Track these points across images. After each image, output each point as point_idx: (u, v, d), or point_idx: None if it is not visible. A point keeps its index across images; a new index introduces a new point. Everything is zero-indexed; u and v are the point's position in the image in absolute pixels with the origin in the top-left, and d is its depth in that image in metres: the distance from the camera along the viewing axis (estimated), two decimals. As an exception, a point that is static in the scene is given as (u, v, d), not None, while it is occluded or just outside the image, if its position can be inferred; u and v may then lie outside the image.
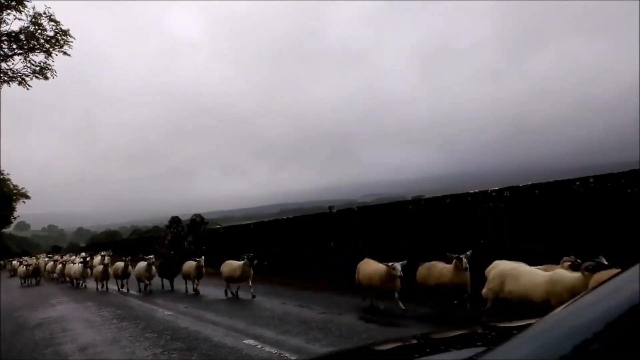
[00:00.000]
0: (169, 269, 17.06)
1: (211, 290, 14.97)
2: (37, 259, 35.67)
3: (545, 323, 1.10)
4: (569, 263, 7.23)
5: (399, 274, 9.30)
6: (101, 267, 18.97)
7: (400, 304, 9.52)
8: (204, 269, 14.97)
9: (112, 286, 18.86)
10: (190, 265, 15.48)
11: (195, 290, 15.09)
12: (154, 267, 16.46)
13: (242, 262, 13.25)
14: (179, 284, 16.54)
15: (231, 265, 13.76)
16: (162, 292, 16.34)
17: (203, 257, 15.10)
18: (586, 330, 0.95)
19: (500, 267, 7.76)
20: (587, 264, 6.41)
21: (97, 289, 18.91)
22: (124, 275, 17.78)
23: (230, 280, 13.65)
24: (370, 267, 10.40)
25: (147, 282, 16.48)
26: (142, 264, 16.69)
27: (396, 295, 9.65)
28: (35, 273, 25.91)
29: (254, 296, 12.83)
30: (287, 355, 7.00)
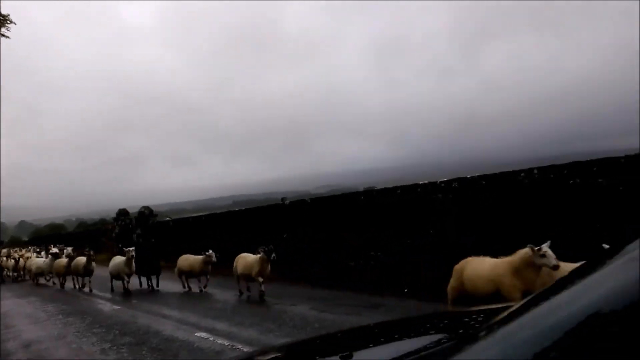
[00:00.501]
0: (150, 264, 14.42)
1: (167, 285, 14.38)
2: None
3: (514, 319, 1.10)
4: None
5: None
6: (65, 260, 16.85)
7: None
8: (210, 266, 12.85)
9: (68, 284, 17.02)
10: (194, 260, 13.12)
11: (202, 289, 12.85)
12: (134, 262, 13.85)
13: (258, 255, 11.18)
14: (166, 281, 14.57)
15: (245, 260, 11.63)
16: (147, 292, 14.03)
17: (212, 252, 12.74)
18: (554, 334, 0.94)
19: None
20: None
21: (61, 287, 17.15)
22: (86, 272, 15.54)
23: (245, 277, 11.62)
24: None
25: (127, 280, 13.89)
26: (119, 259, 14.35)
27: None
28: None
29: (262, 293, 10.95)
30: (239, 346, 6.98)
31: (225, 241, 17.74)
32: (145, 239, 25.01)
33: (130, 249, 13.94)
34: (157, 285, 14.35)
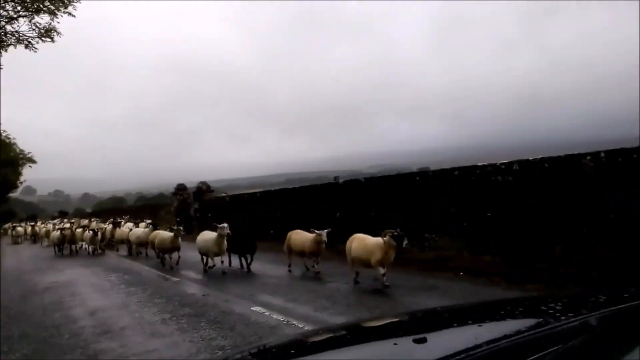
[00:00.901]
0: (244, 243, 12.82)
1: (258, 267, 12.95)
2: (61, 223, 32.31)
3: None
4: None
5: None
6: (167, 233, 15.05)
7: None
8: (324, 244, 11.05)
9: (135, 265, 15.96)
10: (306, 238, 11.61)
11: (313, 270, 11.42)
12: (225, 241, 12.38)
13: (381, 239, 9.11)
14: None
15: (363, 242, 9.74)
16: (243, 274, 12.38)
17: (325, 231, 11.02)
18: None
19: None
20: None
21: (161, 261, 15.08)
22: (173, 248, 14.24)
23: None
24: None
25: (212, 260, 12.70)
26: (209, 235, 12.86)
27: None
28: (72, 240, 22.32)
29: (387, 286, 9.08)
30: (294, 322, 7.11)
31: (279, 218, 18.01)
32: (202, 214, 25.70)
33: (224, 225, 12.25)
34: (248, 268, 12.64)
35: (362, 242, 9.73)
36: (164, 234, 15.04)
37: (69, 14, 18.34)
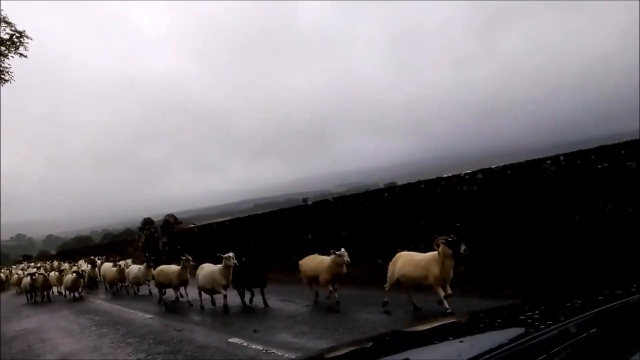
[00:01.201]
0: (251, 276, 11.14)
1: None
2: (30, 268, 29.57)
3: None
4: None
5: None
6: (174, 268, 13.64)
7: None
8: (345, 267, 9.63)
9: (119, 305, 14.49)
10: (323, 261, 9.95)
11: (332, 299, 9.80)
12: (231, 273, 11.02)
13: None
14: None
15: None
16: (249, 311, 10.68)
17: (344, 250, 9.61)
18: None
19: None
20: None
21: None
22: (181, 282, 13.11)
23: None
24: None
25: (224, 294, 10.93)
26: (210, 268, 11.62)
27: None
28: (45, 286, 19.80)
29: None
30: (274, 351, 6.98)
31: (249, 245, 17.81)
32: (171, 247, 25.21)
33: (230, 254, 10.89)
34: (265, 302, 10.76)
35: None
36: (169, 269, 13.65)
37: (21, 54, 17.97)
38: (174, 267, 13.50)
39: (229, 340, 7.90)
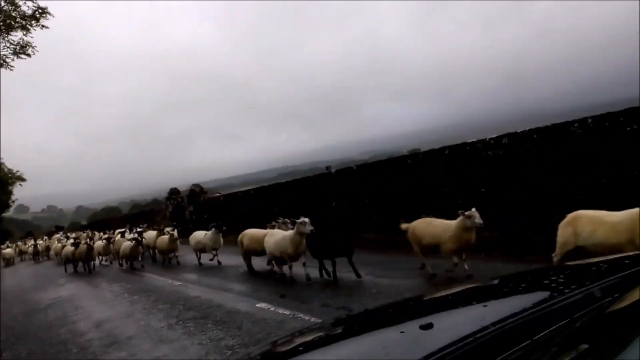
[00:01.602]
0: (334, 243, 9.30)
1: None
2: (67, 237, 29.44)
3: None
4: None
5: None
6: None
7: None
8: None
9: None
10: (448, 226, 8.09)
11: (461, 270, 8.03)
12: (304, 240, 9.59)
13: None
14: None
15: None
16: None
17: (474, 210, 7.70)
18: None
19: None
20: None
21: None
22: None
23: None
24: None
25: (290, 265, 9.85)
26: (280, 234, 10.29)
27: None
28: (89, 255, 18.11)
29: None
30: (300, 315, 7.12)
31: (275, 213, 17.99)
32: (197, 216, 25.60)
33: (305, 219, 9.35)
34: (356, 273, 9.10)
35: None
36: (259, 233, 11.51)
37: (43, 26, 18.10)
38: (263, 232, 11.61)
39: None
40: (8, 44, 18.13)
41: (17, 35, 18.13)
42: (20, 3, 17.44)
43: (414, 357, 1.09)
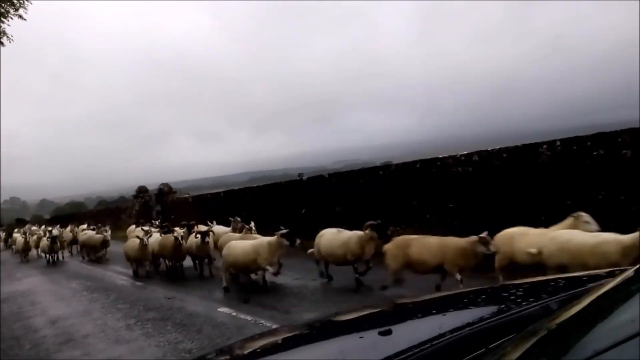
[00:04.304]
0: None
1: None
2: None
3: None
4: None
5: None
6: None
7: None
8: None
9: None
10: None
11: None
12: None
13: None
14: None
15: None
16: None
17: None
18: None
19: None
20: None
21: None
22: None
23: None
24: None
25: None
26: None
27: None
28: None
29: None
30: (262, 321, 7.06)
31: (243, 218, 17.87)
32: (164, 216, 25.29)
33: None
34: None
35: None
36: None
37: (20, 16, 17.68)
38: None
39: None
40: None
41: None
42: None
43: (371, 361, 1.09)
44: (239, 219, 12.60)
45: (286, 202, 16.01)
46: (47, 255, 19.00)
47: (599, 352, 0.76)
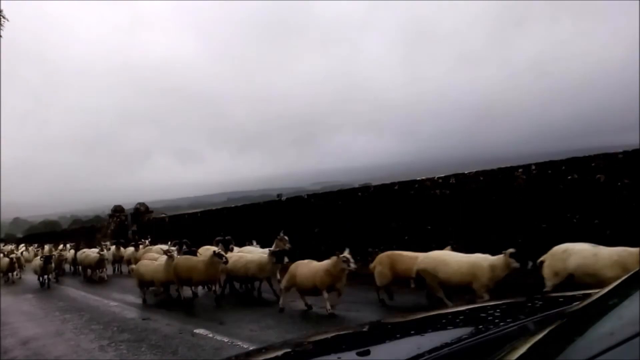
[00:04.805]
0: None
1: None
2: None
3: None
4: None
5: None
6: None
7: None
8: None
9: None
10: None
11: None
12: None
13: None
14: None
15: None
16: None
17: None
18: None
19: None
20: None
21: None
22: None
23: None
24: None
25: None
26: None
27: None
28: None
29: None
30: (239, 343, 6.96)
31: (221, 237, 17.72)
32: (140, 236, 24.94)
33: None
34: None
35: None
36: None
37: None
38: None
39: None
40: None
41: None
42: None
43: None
44: (286, 237, 11.38)
45: (264, 222, 15.93)
46: (41, 277, 16.85)
47: (599, 352, 0.78)
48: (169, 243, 14.06)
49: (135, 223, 26.47)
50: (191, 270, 10.16)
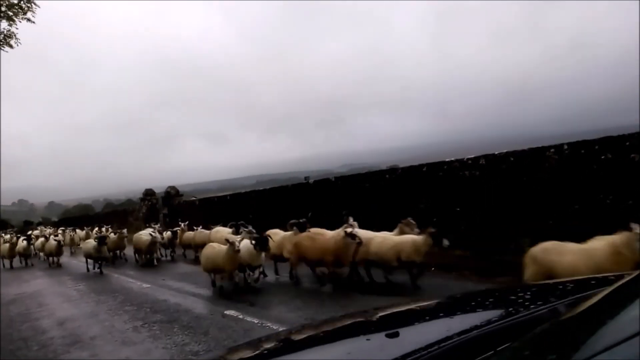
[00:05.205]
0: None
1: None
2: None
3: None
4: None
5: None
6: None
7: None
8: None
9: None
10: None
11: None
12: None
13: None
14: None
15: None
16: None
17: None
18: None
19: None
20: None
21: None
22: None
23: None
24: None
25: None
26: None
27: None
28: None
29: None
30: (269, 324, 7.06)
31: (249, 219, 17.92)
32: (171, 218, 25.38)
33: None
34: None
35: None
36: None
37: (28, 20, 17.81)
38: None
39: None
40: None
41: (1, 25, 17.76)
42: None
43: (378, 363, 1.09)
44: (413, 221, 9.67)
45: (292, 205, 16.02)
46: (93, 262, 15.66)
47: (600, 351, 0.78)
48: (228, 225, 13.73)
49: (166, 206, 26.92)
50: (324, 251, 9.11)
